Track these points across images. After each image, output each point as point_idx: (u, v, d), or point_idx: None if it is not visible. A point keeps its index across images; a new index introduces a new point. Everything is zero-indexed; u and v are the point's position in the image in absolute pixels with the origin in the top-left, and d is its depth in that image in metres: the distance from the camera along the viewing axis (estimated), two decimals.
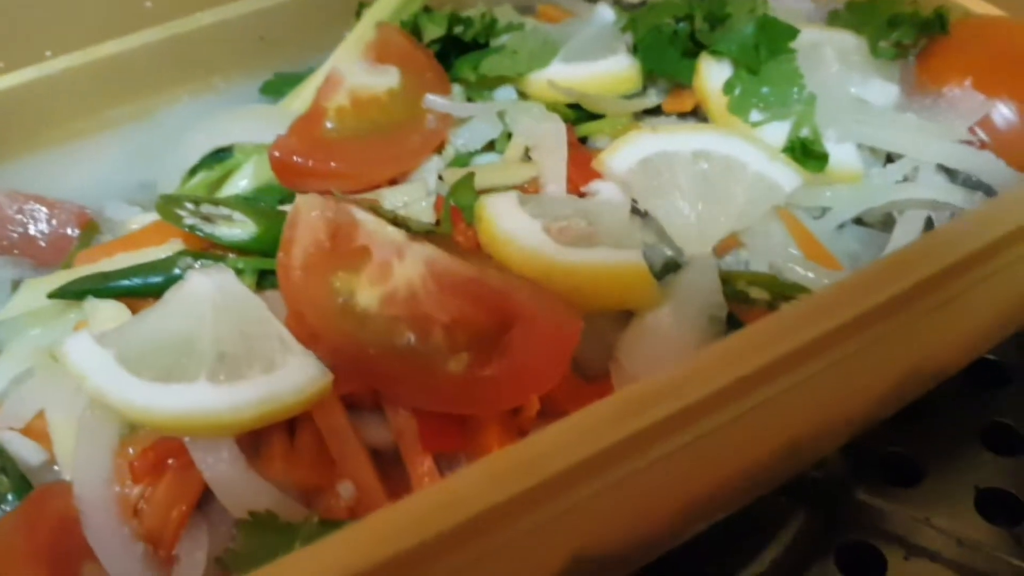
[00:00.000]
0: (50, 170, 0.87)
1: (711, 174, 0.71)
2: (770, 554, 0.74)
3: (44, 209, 0.78)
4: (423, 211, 0.72)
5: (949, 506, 0.78)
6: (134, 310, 0.67)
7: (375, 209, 0.65)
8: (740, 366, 0.47)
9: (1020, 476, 0.80)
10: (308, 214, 0.63)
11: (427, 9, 0.88)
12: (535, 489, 0.43)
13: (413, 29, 0.86)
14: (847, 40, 0.82)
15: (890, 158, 0.77)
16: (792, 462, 0.71)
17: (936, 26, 0.82)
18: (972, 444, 0.83)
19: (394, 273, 0.62)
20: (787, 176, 0.71)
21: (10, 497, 0.62)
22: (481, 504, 0.42)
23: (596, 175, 0.72)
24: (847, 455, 0.80)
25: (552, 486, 0.44)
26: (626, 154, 0.70)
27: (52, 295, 0.69)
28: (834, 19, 0.90)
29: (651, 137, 0.71)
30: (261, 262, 0.66)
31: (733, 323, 0.66)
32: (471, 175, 0.71)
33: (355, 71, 0.78)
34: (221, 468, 0.58)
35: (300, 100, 0.84)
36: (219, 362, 0.59)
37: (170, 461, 0.60)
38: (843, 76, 0.77)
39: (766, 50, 0.75)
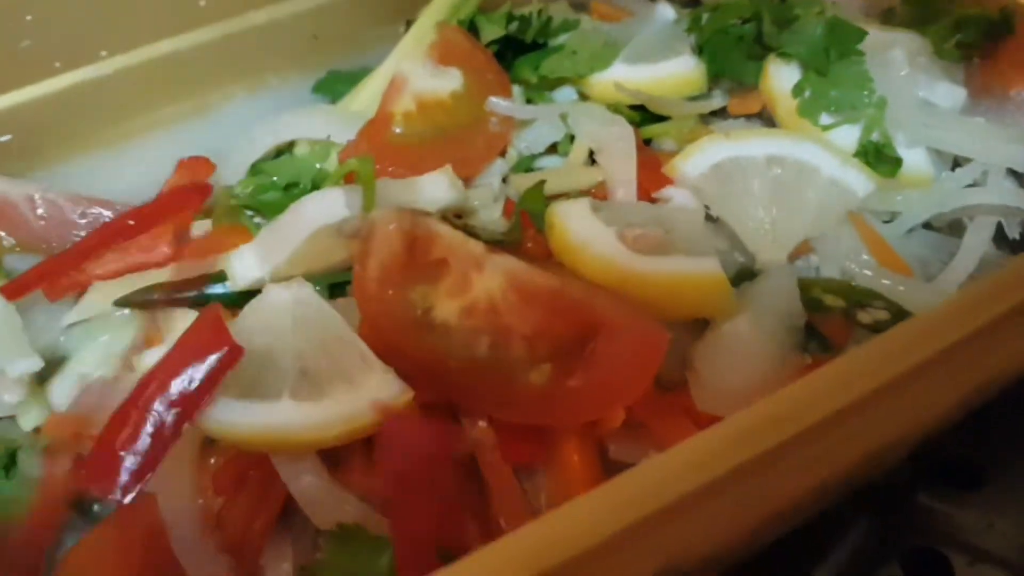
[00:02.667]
0: (106, 170, 0.87)
1: (784, 179, 0.70)
2: (836, 559, 0.75)
3: (107, 212, 0.77)
4: (491, 215, 0.72)
5: (1014, 510, 0.78)
6: None
7: (450, 220, 0.65)
8: (848, 392, 0.47)
9: None
10: (385, 227, 0.62)
11: (482, 9, 0.86)
12: (650, 518, 0.43)
13: (470, 29, 0.85)
14: (913, 41, 0.81)
15: (957, 162, 0.76)
16: (867, 473, 0.71)
17: (1003, 27, 0.81)
18: None
19: (473, 285, 0.62)
20: (860, 181, 0.71)
21: None
22: (599, 536, 0.42)
23: (667, 180, 0.71)
24: (910, 460, 0.80)
25: (663, 514, 0.44)
26: (698, 160, 0.70)
27: (118, 303, 0.69)
28: (889, 18, 0.90)
29: (724, 143, 0.70)
30: (333, 276, 0.66)
31: (811, 331, 0.65)
32: (542, 182, 0.70)
33: (420, 73, 0.78)
34: (305, 481, 0.59)
35: (359, 100, 0.83)
36: (301, 378, 0.59)
37: (251, 473, 0.61)
38: (911, 78, 0.76)
39: (835, 52, 0.74)
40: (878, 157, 0.72)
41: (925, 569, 0.75)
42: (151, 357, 0.62)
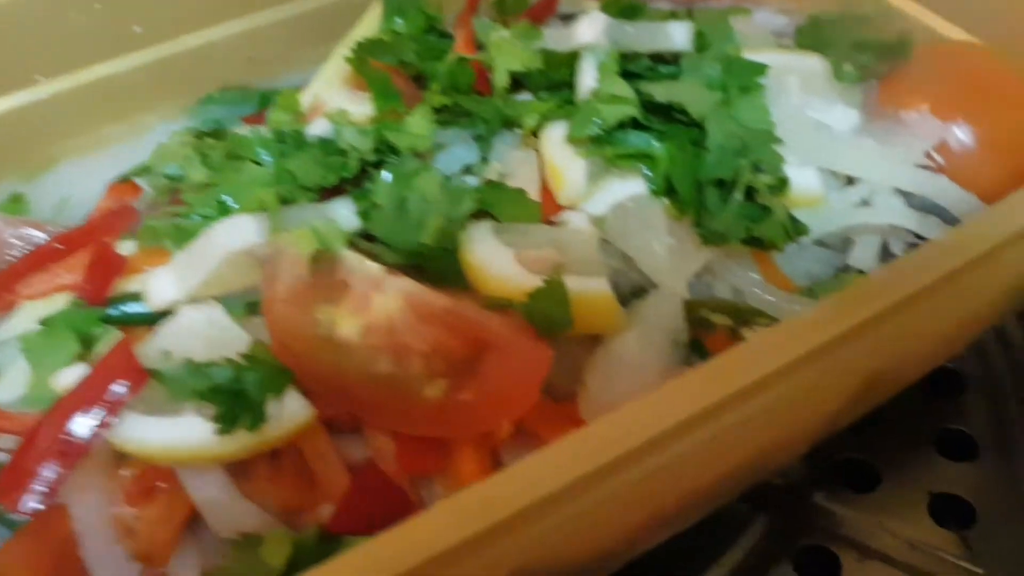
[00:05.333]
0: (42, 191, 0.90)
1: None
2: (730, 559, 0.79)
3: (40, 234, 0.81)
4: None
5: (903, 510, 0.82)
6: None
7: (355, 244, 0.69)
8: (703, 397, 0.52)
9: (971, 482, 0.85)
10: (290, 250, 0.66)
11: (397, 33, 0.90)
12: (505, 522, 0.47)
13: (390, 52, 0.88)
14: (812, 64, 0.85)
15: (850, 181, 0.80)
16: (755, 475, 0.75)
17: (899, 51, 0.85)
18: (927, 450, 0.87)
19: (373, 305, 0.66)
20: None
21: None
22: (452, 540, 0.46)
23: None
24: (806, 461, 0.84)
25: (521, 518, 0.48)
26: (598, 200, 0.73)
27: (44, 322, 0.73)
28: (800, 35, 0.94)
29: (621, 183, 0.74)
30: (250, 295, 0.69)
31: (696, 347, 0.69)
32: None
33: (335, 99, 0.81)
34: (209, 492, 0.62)
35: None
36: None
37: (161, 484, 0.64)
38: (806, 102, 0.80)
39: (735, 89, 0.76)
40: None
41: (816, 567, 0.79)
42: (68, 376, 0.66)
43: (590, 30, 0.80)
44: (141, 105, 0.93)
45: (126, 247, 0.77)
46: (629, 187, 0.73)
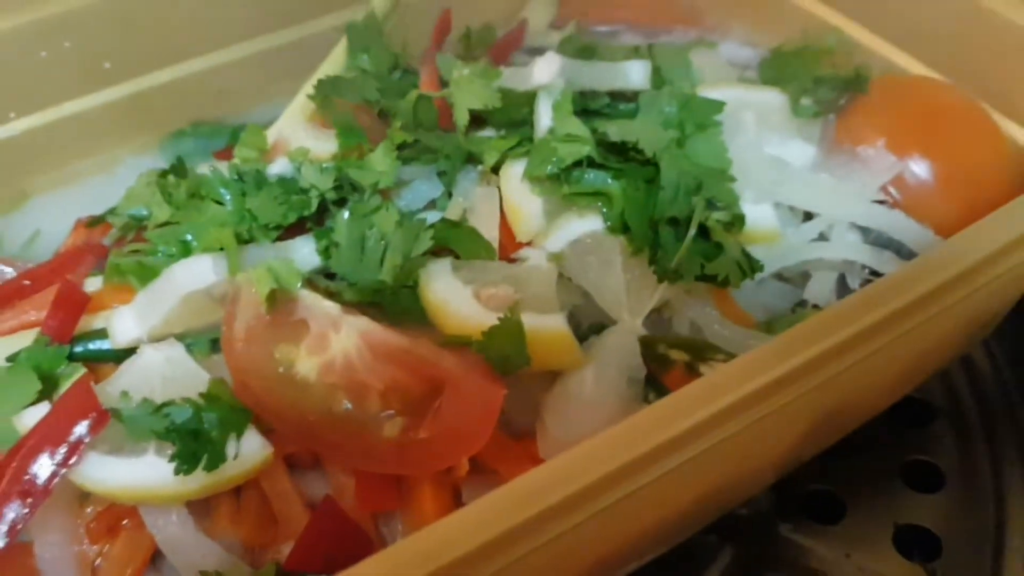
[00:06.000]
0: (14, 226, 0.91)
1: None
2: None
3: (9, 269, 0.81)
4: None
5: (868, 542, 0.83)
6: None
7: (313, 283, 0.69)
8: (655, 435, 0.54)
9: (937, 513, 0.86)
10: (248, 289, 0.67)
11: (363, 70, 0.91)
12: (470, 555, 0.49)
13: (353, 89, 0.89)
14: (770, 99, 0.86)
15: (809, 216, 0.82)
16: (719, 507, 0.76)
17: (856, 86, 0.87)
18: (893, 481, 0.88)
19: (331, 344, 0.67)
20: None
21: None
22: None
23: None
24: (772, 493, 0.85)
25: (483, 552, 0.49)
26: (556, 237, 0.75)
27: (9, 359, 0.73)
28: (763, 68, 0.95)
29: (579, 221, 0.75)
30: (213, 332, 0.70)
31: (652, 382, 0.70)
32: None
33: (300, 136, 0.82)
34: (171, 531, 0.63)
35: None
36: None
37: (125, 522, 0.65)
38: (762, 138, 0.81)
39: (691, 126, 0.77)
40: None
41: None
42: (30, 415, 0.66)
43: (546, 70, 0.82)
44: (112, 140, 0.95)
45: (93, 284, 0.77)
46: (586, 224, 0.75)
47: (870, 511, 0.85)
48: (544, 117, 0.78)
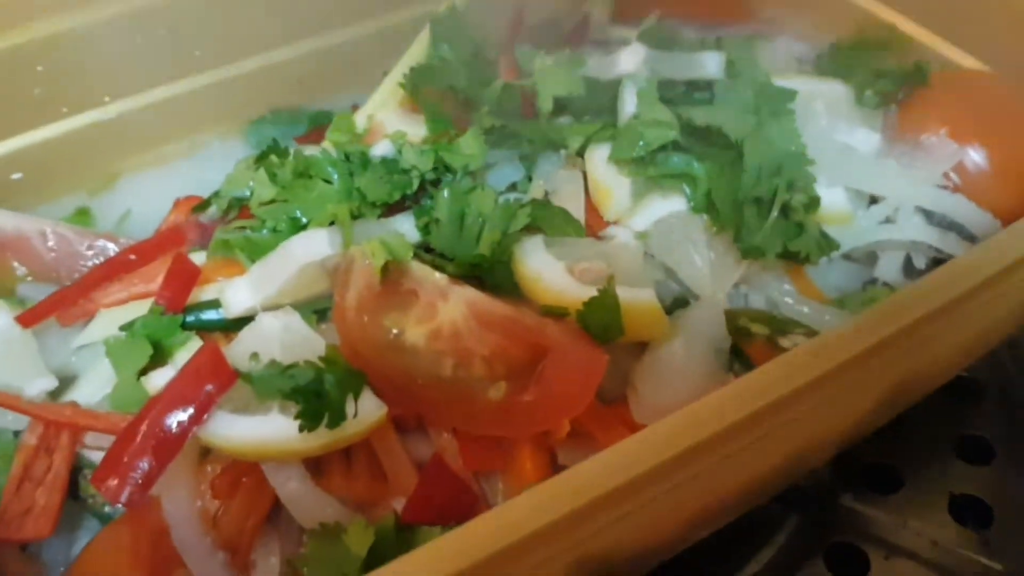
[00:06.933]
0: (106, 206, 0.95)
1: None
2: (765, 556, 0.83)
3: (112, 245, 0.85)
4: None
5: (925, 511, 0.87)
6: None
7: (420, 255, 0.74)
8: (751, 403, 0.57)
9: (989, 484, 0.90)
10: (361, 262, 0.71)
11: (445, 59, 0.95)
12: (576, 512, 0.52)
13: (440, 78, 0.93)
14: (836, 90, 0.90)
15: (874, 199, 0.86)
16: (789, 476, 0.80)
17: (917, 78, 0.91)
18: (947, 454, 0.92)
19: (439, 313, 0.71)
20: None
21: None
22: (532, 526, 0.51)
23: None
24: (834, 466, 0.89)
25: (589, 510, 0.53)
26: (641, 217, 0.79)
27: (124, 328, 0.77)
28: (820, 63, 0.99)
29: (663, 201, 0.79)
30: (319, 303, 0.74)
31: (737, 353, 0.74)
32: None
33: (392, 120, 0.86)
34: (291, 486, 0.67)
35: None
36: None
37: (244, 479, 0.69)
38: (832, 126, 0.86)
39: (767, 112, 0.81)
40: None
41: (845, 564, 0.84)
42: (157, 378, 0.70)
43: (631, 60, 0.86)
44: (199, 125, 0.99)
45: (195, 259, 0.81)
46: (670, 204, 0.79)
47: (926, 482, 0.89)
48: (628, 103, 0.82)
